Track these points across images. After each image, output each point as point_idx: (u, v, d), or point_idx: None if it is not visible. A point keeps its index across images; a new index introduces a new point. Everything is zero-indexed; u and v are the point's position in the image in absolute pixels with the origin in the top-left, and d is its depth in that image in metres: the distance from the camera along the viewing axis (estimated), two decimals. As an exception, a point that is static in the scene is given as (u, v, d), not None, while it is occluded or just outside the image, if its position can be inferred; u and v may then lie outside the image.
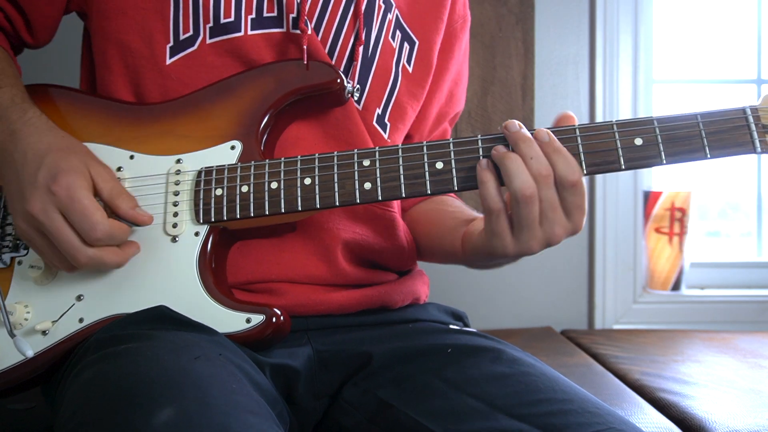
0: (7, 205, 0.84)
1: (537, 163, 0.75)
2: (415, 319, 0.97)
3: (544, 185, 0.74)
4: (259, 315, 0.79)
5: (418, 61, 1.00)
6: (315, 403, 0.87)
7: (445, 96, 1.07)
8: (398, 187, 0.81)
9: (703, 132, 0.77)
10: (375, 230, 0.94)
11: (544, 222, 0.75)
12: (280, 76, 0.87)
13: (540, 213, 0.75)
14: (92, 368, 0.69)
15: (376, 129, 0.95)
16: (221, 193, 0.83)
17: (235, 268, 0.87)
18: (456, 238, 0.90)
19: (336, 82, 0.87)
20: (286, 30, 0.90)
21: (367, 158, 0.82)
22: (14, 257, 0.85)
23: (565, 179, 0.75)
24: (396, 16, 0.97)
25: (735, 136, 0.76)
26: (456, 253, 0.91)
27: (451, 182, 0.80)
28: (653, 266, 2.09)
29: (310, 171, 0.82)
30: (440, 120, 1.08)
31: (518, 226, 0.76)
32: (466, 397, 0.78)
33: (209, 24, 0.88)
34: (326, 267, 0.90)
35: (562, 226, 0.76)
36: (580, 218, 0.77)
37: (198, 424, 0.58)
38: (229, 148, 0.86)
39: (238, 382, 0.68)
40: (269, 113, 0.87)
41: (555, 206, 0.75)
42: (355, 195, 0.81)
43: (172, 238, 0.83)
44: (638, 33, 2.06)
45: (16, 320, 0.81)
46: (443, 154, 0.80)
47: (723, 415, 1.16)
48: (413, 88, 0.99)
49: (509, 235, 0.76)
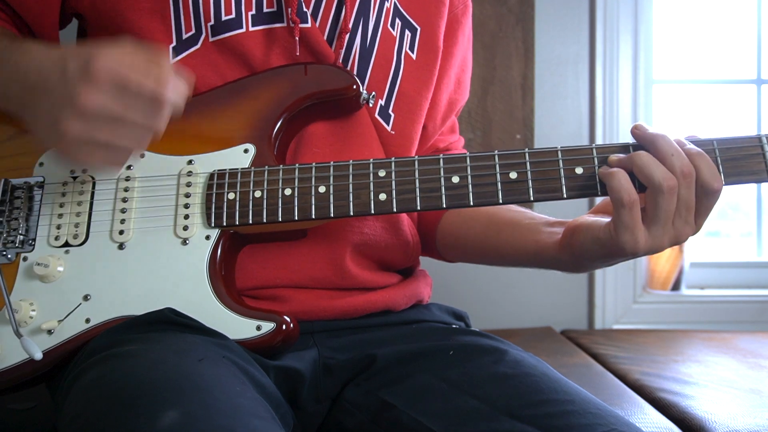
0: (43, 140, 0.78)
1: (679, 161, 0.75)
2: (418, 320, 0.96)
3: (685, 184, 0.75)
4: (269, 323, 0.79)
5: (422, 47, 0.98)
6: (317, 406, 0.87)
7: (453, 83, 1.06)
8: (414, 199, 0.80)
9: (719, 159, 0.78)
10: (382, 228, 0.94)
11: (677, 219, 0.76)
12: (295, 79, 0.87)
13: (675, 209, 0.75)
14: (95, 370, 0.69)
15: (377, 121, 0.94)
16: (234, 197, 0.82)
17: (241, 271, 0.86)
18: (540, 239, 0.89)
19: (352, 88, 0.87)
20: (286, 24, 0.89)
21: (383, 169, 0.81)
22: (20, 253, 0.83)
23: (708, 185, 0.75)
24: (394, 4, 0.96)
25: (750, 164, 0.78)
26: (538, 254, 0.89)
27: (467, 197, 0.80)
28: (653, 266, 2.09)
29: (325, 179, 0.82)
30: (451, 107, 1.07)
31: (654, 220, 0.75)
32: (468, 398, 0.78)
33: (210, 22, 0.87)
34: (333, 270, 0.89)
35: (691, 226, 0.77)
36: (705, 220, 0.78)
37: (202, 427, 0.57)
38: (242, 151, 0.85)
39: (242, 384, 0.68)
40: (283, 117, 0.86)
41: (690, 207, 0.76)
42: (369, 206, 0.81)
43: (182, 241, 0.82)
44: (638, 33, 2.06)
45: (21, 318, 0.79)
46: (460, 168, 0.80)
47: (723, 415, 1.16)
48: (420, 75, 0.98)
49: (642, 229, 0.76)
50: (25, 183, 0.86)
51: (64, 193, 0.85)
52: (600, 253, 0.80)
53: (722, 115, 2.26)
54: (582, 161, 0.79)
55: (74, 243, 0.83)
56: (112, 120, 0.72)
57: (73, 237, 0.83)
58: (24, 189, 0.85)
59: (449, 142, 1.09)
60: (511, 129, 2.02)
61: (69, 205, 0.84)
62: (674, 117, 2.23)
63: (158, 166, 0.85)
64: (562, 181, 0.79)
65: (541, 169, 0.79)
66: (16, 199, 0.85)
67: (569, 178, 0.79)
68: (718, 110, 2.26)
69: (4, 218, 0.84)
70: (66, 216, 0.84)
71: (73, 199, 0.85)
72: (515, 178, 0.79)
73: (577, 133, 2.06)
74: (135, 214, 0.84)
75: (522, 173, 0.80)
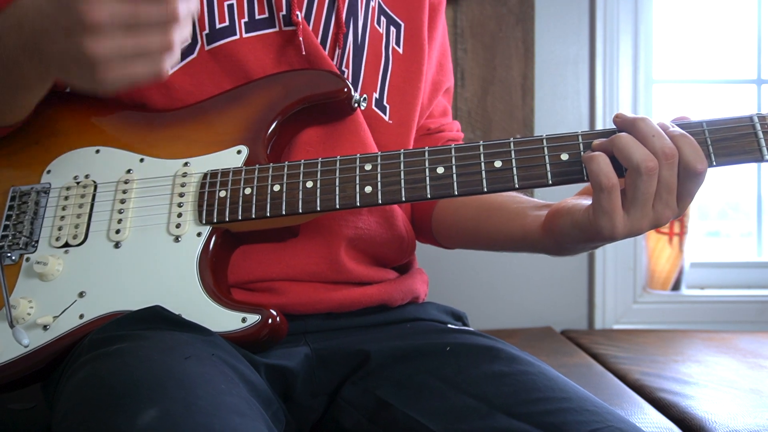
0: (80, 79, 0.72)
1: (660, 141, 0.73)
2: (414, 318, 0.97)
3: (666, 165, 0.73)
4: (254, 315, 0.79)
5: (407, 42, 1.01)
6: (312, 401, 0.87)
7: (435, 65, 1.08)
8: (399, 191, 0.81)
9: (709, 140, 0.77)
10: (376, 222, 0.94)
11: (658, 202, 0.74)
12: (288, 84, 0.89)
13: (656, 192, 0.74)
14: (84, 369, 0.69)
15: (375, 112, 0.97)
16: (225, 194, 0.84)
17: (236, 267, 0.87)
18: (526, 222, 0.88)
19: (343, 91, 0.89)
20: (278, 29, 0.91)
21: (369, 162, 0.83)
22: (23, 254, 0.86)
23: (691, 166, 0.73)
24: (378, 3, 1.00)
25: (742, 143, 0.76)
26: (525, 238, 0.88)
27: (452, 186, 0.80)
28: (653, 266, 2.09)
29: (313, 175, 0.83)
30: (436, 87, 1.09)
31: (632, 202, 0.74)
32: (465, 396, 0.78)
33: (205, 31, 0.89)
34: (328, 265, 0.90)
35: (672, 209, 0.75)
36: (688, 204, 0.76)
37: (181, 424, 0.57)
38: (235, 152, 0.88)
39: (228, 382, 0.68)
40: (277, 120, 0.89)
41: (671, 189, 0.74)
42: (355, 198, 0.82)
43: (174, 238, 0.84)
44: (638, 33, 2.06)
45: (20, 314, 0.81)
46: (444, 159, 0.81)
47: (723, 415, 1.16)
48: (409, 67, 1.01)
49: (620, 213, 0.74)
50: (32, 189, 0.89)
51: (67, 196, 0.88)
52: (579, 237, 0.79)
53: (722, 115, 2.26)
54: (567, 147, 0.79)
55: (73, 243, 0.85)
56: (130, 24, 0.68)
57: (73, 237, 0.85)
58: (31, 195, 0.88)
59: (441, 124, 1.10)
60: (511, 129, 2.02)
61: (71, 208, 0.87)
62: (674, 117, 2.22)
63: (156, 169, 0.88)
64: (547, 168, 0.78)
65: (526, 156, 0.79)
66: (23, 205, 0.88)
67: (554, 165, 0.78)
68: (718, 110, 2.26)
69: (11, 222, 0.87)
70: (67, 218, 0.87)
71: (75, 202, 0.88)
72: (500, 166, 0.79)
73: (577, 133, 2.06)
74: (131, 213, 0.86)
75: (507, 161, 0.79)
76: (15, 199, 0.88)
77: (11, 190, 0.89)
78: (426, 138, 1.07)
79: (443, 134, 1.09)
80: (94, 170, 0.89)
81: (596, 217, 0.75)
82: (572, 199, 0.83)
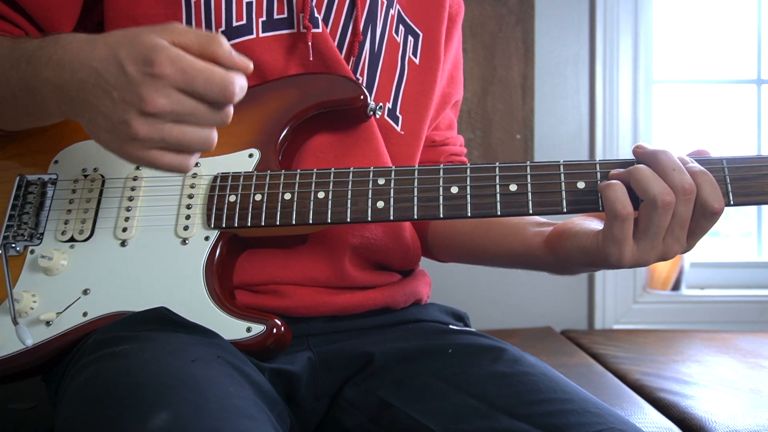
0: (107, 141, 0.71)
1: (680, 176, 0.72)
2: (417, 320, 0.96)
3: (683, 200, 0.72)
4: (259, 325, 0.79)
5: (424, 52, 1.00)
6: (315, 403, 0.87)
7: (447, 77, 1.07)
8: (411, 208, 0.80)
9: (728, 178, 0.75)
10: (383, 232, 0.94)
11: (669, 237, 0.73)
12: (304, 88, 0.88)
13: (668, 226, 0.73)
14: (88, 370, 0.69)
15: (387, 122, 0.96)
16: (235, 199, 0.83)
17: (240, 269, 0.87)
18: (526, 238, 0.88)
19: (359, 98, 0.88)
20: (296, 30, 0.90)
21: (383, 177, 0.81)
22: (27, 246, 0.85)
23: (709, 204, 0.72)
24: (398, 11, 0.98)
25: (761, 184, 0.75)
26: (526, 254, 0.88)
27: (465, 208, 0.79)
28: (653, 266, 2.09)
29: (325, 185, 0.82)
30: (444, 100, 1.08)
31: (644, 234, 0.73)
32: (466, 397, 0.78)
33: (221, 28, 0.88)
34: (332, 271, 0.90)
35: (681, 245, 0.75)
36: (698, 241, 0.76)
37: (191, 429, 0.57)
38: (247, 155, 0.86)
39: (236, 384, 0.68)
40: (290, 124, 0.87)
41: (685, 225, 0.73)
42: (367, 213, 0.81)
43: (182, 241, 0.83)
44: (638, 33, 2.06)
45: (23, 308, 0.81)
46: (459, 179, 0.80)
47: (723, 415, 1.16)
48: (424, 79, 0.99)
49: (630, 243, 0.74)
50: (39, 179, 0.87)
51: (75, 190, 0.87)
52: (584, 261, 0.79)
53: (722, 115, 2.26)
54: (584, 175, 0.78)
55: (79, 238, 0.84)
56: (181, 119, 0.67)
57: (79, 232, 0.84)
58: (37, 185, 0.87)
59: (446, 137, 1.10)
60: (511, 129, 2.02)
61: (78, 202, 0.86)
62: (674, 117, 2.23)
63: None
64: (562, 195, 0.77)
65: (541, 182, 0.78)
66: (30, 194, 0.87)
67: (570, 192, 0.77)
68: (718, 110, 2.27)
69: (17, 212, 0.86)
70: (74, 212, 0.86)
71: (83, 196, 0.86)
72: (515, 190, 0.78)
73: (577, 133, 2.06)
74: (139, 212, 0.85)
75: (522, 185, 0.78)
76: (21, 189, 0.87)
77: (18, 178, 0.88)
78: (430, 150, 1.06)
79: (447, 147, 1.08)
80: (103, 164, 0.88)
81: (605, 244, 0.74)
82: (579, 221, 0.82)
